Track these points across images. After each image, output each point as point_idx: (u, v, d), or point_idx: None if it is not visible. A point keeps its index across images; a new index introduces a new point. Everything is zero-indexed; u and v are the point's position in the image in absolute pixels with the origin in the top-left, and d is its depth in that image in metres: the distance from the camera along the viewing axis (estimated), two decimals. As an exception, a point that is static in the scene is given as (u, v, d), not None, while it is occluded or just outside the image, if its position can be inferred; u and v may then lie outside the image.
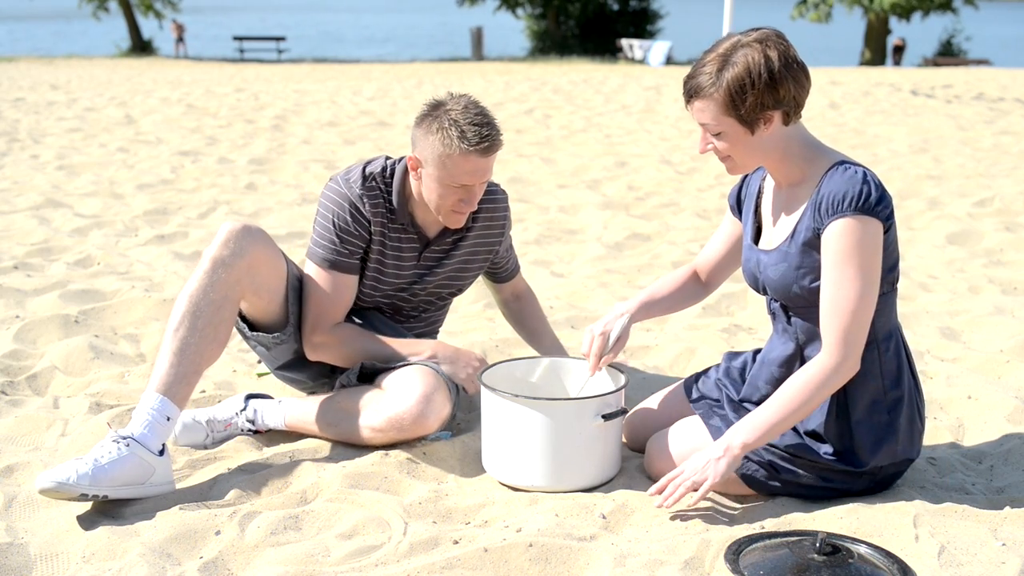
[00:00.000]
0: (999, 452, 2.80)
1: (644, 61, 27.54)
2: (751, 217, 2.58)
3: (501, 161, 8.08)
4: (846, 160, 2.35)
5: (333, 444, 2.79)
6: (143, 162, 7.90)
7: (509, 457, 2.56)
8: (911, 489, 2.54)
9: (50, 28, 57.88)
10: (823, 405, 2.43)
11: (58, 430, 2.91)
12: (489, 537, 2.28)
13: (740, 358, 2.72)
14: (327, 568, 2.17)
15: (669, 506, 2.35)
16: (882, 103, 12.98)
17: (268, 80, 17.60)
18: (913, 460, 2.52)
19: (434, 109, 2.71)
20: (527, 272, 4.68)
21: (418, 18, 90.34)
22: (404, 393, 2.70)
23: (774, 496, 2.49)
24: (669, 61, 26.89)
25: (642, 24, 37.89)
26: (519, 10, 37.99)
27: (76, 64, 24.87)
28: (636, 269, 4.89)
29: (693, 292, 2.81)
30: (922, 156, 8.63)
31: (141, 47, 35.36)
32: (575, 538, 2.27)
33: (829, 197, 2.29)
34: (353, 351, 2.83)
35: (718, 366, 2.77)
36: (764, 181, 2.57)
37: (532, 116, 11.40)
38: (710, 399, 2.69)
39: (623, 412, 2.58)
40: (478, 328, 3.96)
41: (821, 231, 2.31)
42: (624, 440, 2.85)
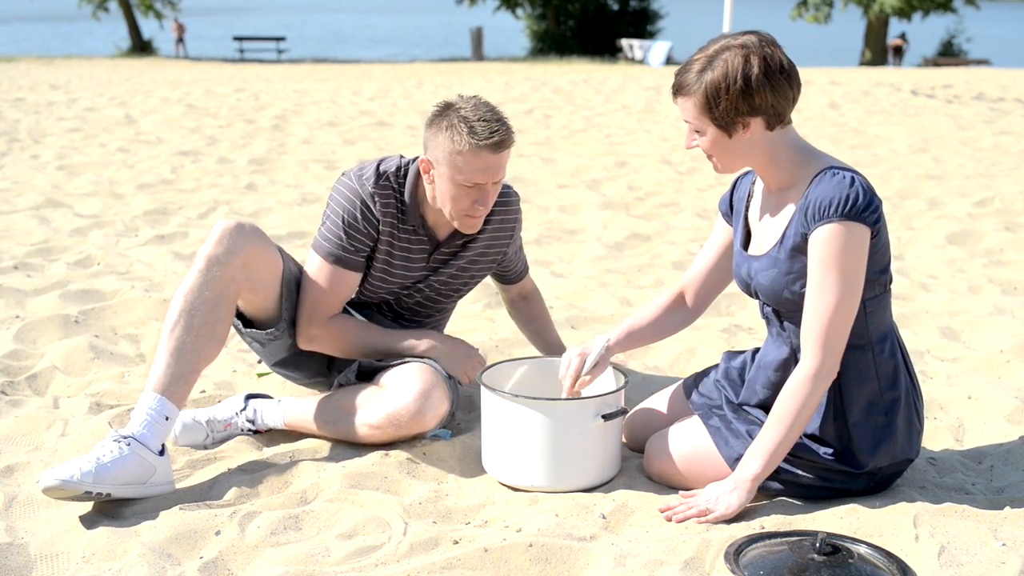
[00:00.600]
0: (999, 452, 2.80)
1: (644, 61, 27.54)
2: (741, 221, 2.57)
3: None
4: (835, 165, 2.35)
5: (333, 444, 2.79)
6: (143, 162, 7.90)
7: (509, 457, 2.56)
8: (911, 489, 2.54)
9: (50, 29, 57.88)
10: (820, 408, 2.43)
11: (58, 430, 2.91)
12: (489, 537, 2.28)
13: (739, 358, 2.72)
14: (327, 568, 2.17)
15: (674, 521, 2.37)
16: (882, 103, 12.98)
17: (268, 80, 17.61)
18: (912, 460, 2.52)
19: (444, 110, 2.69)
20: (527, 272, 4.68)
21: (418, 18, 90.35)
22: (401, 390, 2.70)
23: (774, 496, 2.50)
24: (669, 61, 26.90)
25: (642, 24, 37.88)
26: (519, 10, 38.00)
27: (76, 64, 24.87)
28: (636, 269, 4.89)
29: (678, 318, 2.75)
30: (922, 156, 8.63)
31: (141, 47, 35.37)
32: (575, 538, 2.27)
33: (816, 202, 2.28)
34: (348, 343, 2.83)
35: (717, 366, 2.77)
36: (754, 185, 2.57)
37: (532, 116, 11.41)
38: (709, 400, 2.69)
39: (623, 412, 2.58)
40: (478, 328, 3.96)
41: (808, 236, 2.31)
42: (624, 440, 2.85)
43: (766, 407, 2.52)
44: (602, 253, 5.20)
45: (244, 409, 2.87)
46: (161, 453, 2.47)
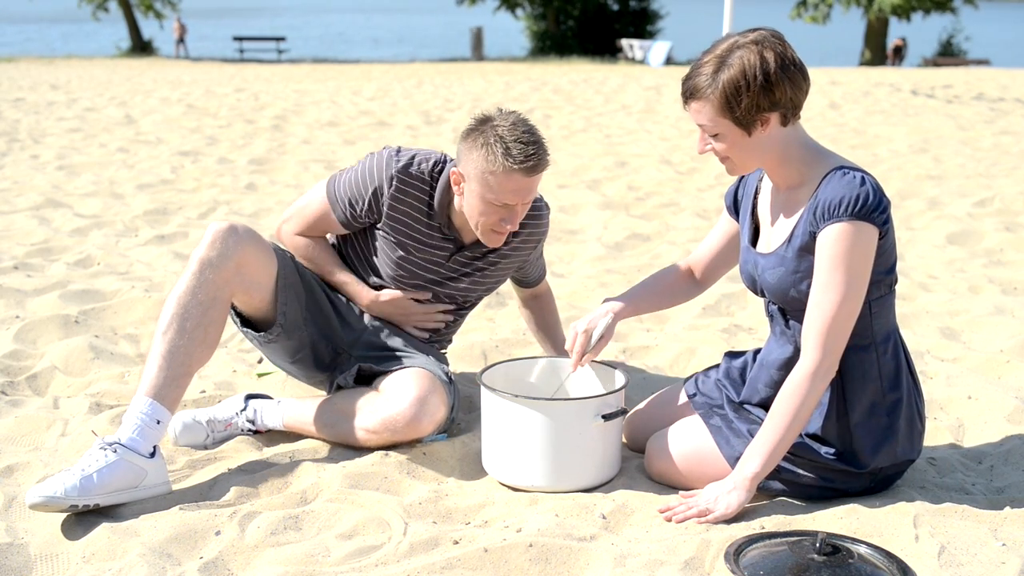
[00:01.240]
0: (999, 452, 2.80)
1: (644, 61, 27.54)
2: (748, 218, 2.57)
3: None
4: (845, 164, 2.35)
5: (333, 444, 2.79)
6: (143, 162, 7.90)
7: (509, 457, 2.56)
8: (911, 489, 2.54)
9: (50, 29, 57.88)
10: (822, 408, 2.43)
11: (58, 430, 2.91)
12: (489, 537, 2.28)
13: (740, 358, 2.72)
14: (327, 568, 2.17)
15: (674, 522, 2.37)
16: (882, 103, 12.98)
17: (268, 80, 17.60)
18: (913, 461, 2.52)
19: (481, 124, 2.66)
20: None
21: (418, 19, 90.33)
22: (399, 395, 2.70)
23: (774, 496, 2.50)
24: (669, 61, 26.89)
25: (642, 24, 37.86)
26: (518, 10, 37.99)
27: (76, 64, 24.86)
28: (636, 269, 4.89)
29: (686, 289, 2.80)
30: (922, 156, 8.63)
31: (141, 47, 35.36)
32: (575, 538, 2.27)
33: (826, 201, 2.28)
34: (304, 257, 2.95)
35: (718, 366, 2.77)
36: (761, 182, 2.57)
37: (532, 116, 11.40)
38: (710, 399, 2.69)
39: (623, 412, 2.58)
40: (478, 328, 3.96)
41: (817, 234, 2.31)
42: (624, 440, 2.85)
43: (768, 406, 2.52)
44: (602, 253, 5.20)
45: (244, 409, 2.87)
46: (152, 455, 2.47)
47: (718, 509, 2.34)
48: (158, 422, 2.48)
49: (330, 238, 3.02)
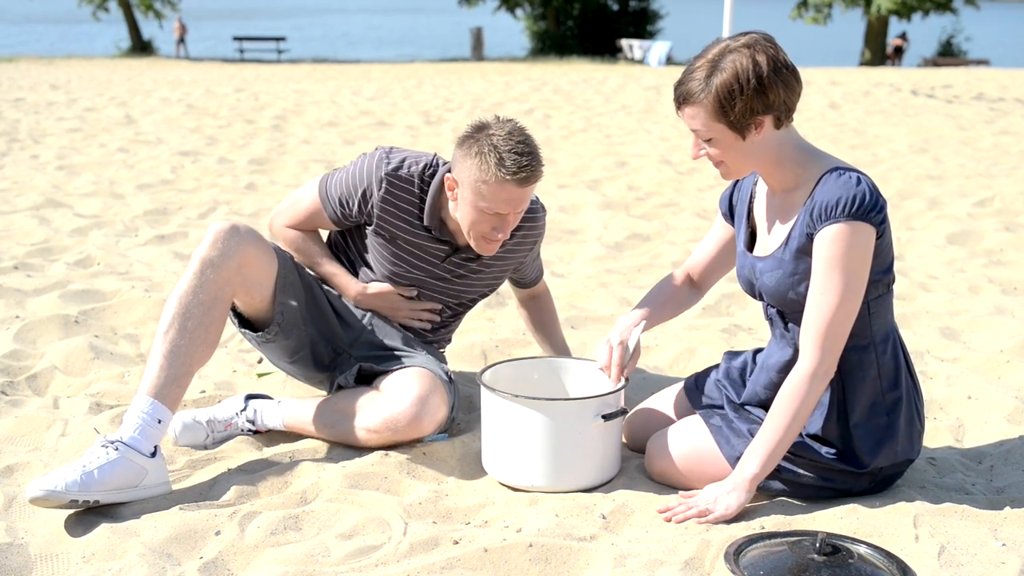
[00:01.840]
0: (999, 452, 2.80)
1: (644, 61, 27.54)
2: (744, 223, 2.57)
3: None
4: (841, 165, 2.35)
5: (333, 444, 2.79)
6: (143, 162, 7.89)
7: (509, 457, 2.56)
8: (911, 489, 2.54)
9: (50, 29, 57.87)
10: (822, 408, 2.43)
11: (58, 430, 2.91)
12: (489, 537, 2.28)
13: (740, 358, 2.72)
14: (327, 568, 2.17)
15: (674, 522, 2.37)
16: (882, 103, 12.98)
17: (268, 80, 17.60)
18: (913, 460, 2.52)
19: (477, 131, 2.65)
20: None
21: (418, 19, 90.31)
22: (399, 395, 2.70)
23: (774, 496, 2.50)
24: (669, 61, 26.89)
25: (642, 24, 37.87)
26: (518, 11, 37.98)
27: (76, 64, 24.87)
28: (636, 269, 4.89)
29: (687, 297, 2.80)
30: (922, 156, 8.63)
31: (141, 47, 35.37)
32: (575, 538, 2.27)
33: (823, 203, 2.28)
34: (295, 250, 2.98)
35: (718, 366, 2.77)
36: (756, 186, 2.56)
37: (532, 116, 11.40)
38: (710, 399, 2.69)
39: (623, 412, 2.58)
40: (478, 328, 3.96)
41: (814, 235, 2.31)
42: (624, 440, 2.85)
43: (768, 408, 2.52)
44: (602, 253, 5.20)
45: (244, 409, 2.87)
46: (153, 455, 2.47)
47: (718, 510, 2.34)
48: (159, 421, 2.48)
49: (324, 233, 3.04)
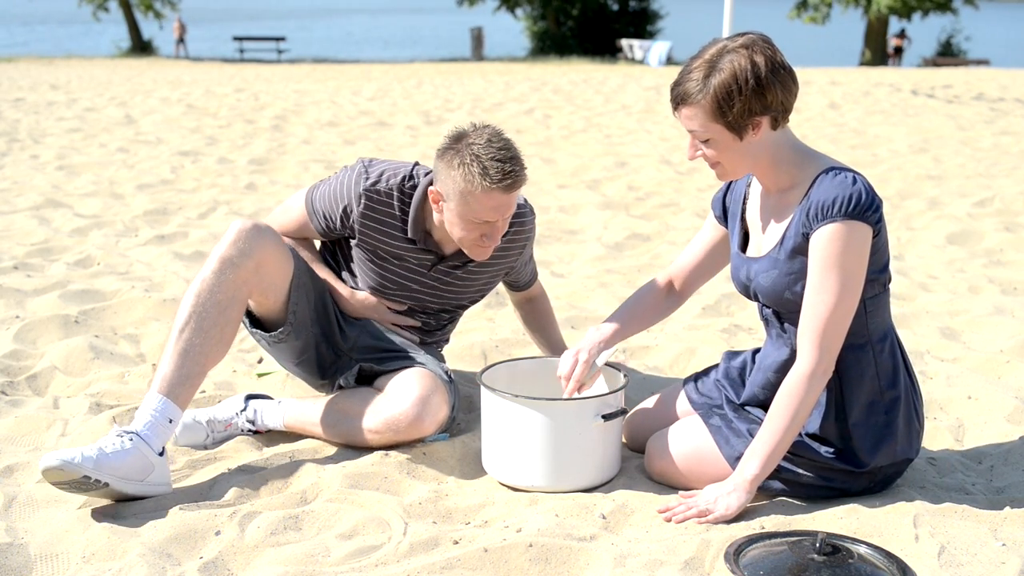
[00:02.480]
0: (999, 452, 2.80)
1: (644, 61, 27.54)
2: (738, 224, 2.57)
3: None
4: (836, 165, 2.35)
5: (333, 444, 2.79)
6: (143, 162, 7.89)
7: (509, 457, 2.56)
8: (911, 489, 2.54)
9: (50, 29, 57.85)
10: (820, 408, 2.43)
11: (58, 430, 2.91)
12: (489, 537, 2.28)
13: (739, 358, 2.72)
14: (327, 568, 2.17)
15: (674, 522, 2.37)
16: (882, 103, 12.98)
17: (268, 80, 17.60)
18: (912, 460, 2.52)
19: (456, 142, 2.64)
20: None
21: (418, 19, 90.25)
22: (401, 396, 2.70)
23: (774, 496, 2.50)
24: (669, 61, 26.89)
25: (642, 24, 37.88)
26: (518, 10, 37.99)
27: (76, 64, 24.87)
28: (636, 269, 4.89)
29: (666, 306, 2.78)
30: (922, 156, 8.63)
31: (141, 47, 35.37)
32: (575, 538, 2.27)
33: (819, 202, 2.28)
34: None
35: (717, 366, 2.77)
36: (749, 187, 2.56)
37: (532, 116, 11.40)
38: (710, 399, 2.69)
39: (623, 412, 2.58)
40: (478, 328, 3.96)
41: (810, 235, 2.31)
42: (624, 440, 2.85)
43: (766, 408, 2.52)
44: (602, 253, 5.20)
45: (244, 409, 2.87)
46: (161, 455, 2.47)
47: (718, 510, 2.34)
48: (170, 421, 2.49)
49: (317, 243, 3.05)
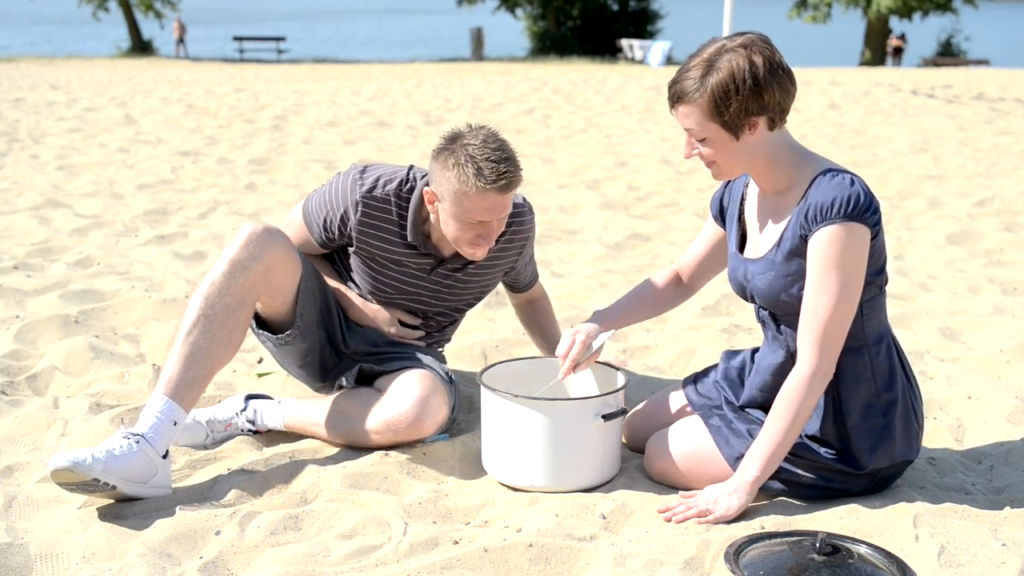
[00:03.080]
0: (999, 452, 2.80)
1: (644, 61, 27.54)
2: (735, 225, 2.57)
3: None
4: (833, 167, 2.35)
5: (333, 444, 2.79)
6: (143, 162, 7.89)
7: (509, 457, 2.56)
8: (911, 489, 2.54)
9: (50, 29, 57.84)
10: (819, 410, 2.43)
11: (58, 430, 2.91)
12: (489, 537, 2.28)
13: (738, 358, 2.71)
14: (327, 568, 2.17)
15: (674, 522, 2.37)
16: (882, 103, 12.98)
17: (268, 80, 17.60)
18: (912, 461, 2.52)
19: (451, 142, 2.63)
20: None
21: (418, 20, 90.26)
22: (401, 396, 2.70)
23: (774, 496, 2.50)
24: (669, 61, 26.90)
25: (642, 24, 37.88)
26: (518, 11, 37.99)
27: (76, 64, 24.87)
28: (636, 269, 4.89)
29: (673, 297, 2.80)
30: (922, 156, 8.63)
31: (141, 47, 35.37)
32: (575, 538, 2.27)
33: (817, 204, 2.28)
34: None
35: (716, 367, 2.77)
36: (747, 188, 2.56)
37: (532, 116, 11.40)
38: (709, 400, 2.69)
39: (623, 412, 2.58)
40: (478, 328, 3.96)
41: (808, 237, 2.31)
42: (624, 440, 2.85)
43: (765, 409, 2.52)
44: (602, 253, 5.20)
45: (244, 409, 2.87)
46: (164, 457, 2.47)
47: (718, 510, 2.34)
48: (174, 423, 2.48)
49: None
